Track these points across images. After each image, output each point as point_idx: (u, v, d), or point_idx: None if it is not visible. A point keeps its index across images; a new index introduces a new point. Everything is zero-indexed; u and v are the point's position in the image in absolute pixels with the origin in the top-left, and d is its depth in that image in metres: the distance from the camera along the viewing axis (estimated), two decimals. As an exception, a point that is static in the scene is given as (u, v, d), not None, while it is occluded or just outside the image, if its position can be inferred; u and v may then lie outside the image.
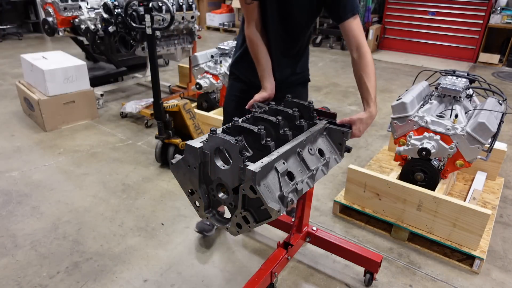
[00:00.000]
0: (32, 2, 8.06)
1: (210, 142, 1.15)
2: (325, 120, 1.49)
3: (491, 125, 2.10)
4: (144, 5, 2.59)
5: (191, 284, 1.95)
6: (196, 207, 1.29)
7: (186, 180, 1.24)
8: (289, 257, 1.86)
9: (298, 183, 1.20)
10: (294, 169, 1.23)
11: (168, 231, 2.32)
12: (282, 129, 1.28)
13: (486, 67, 6.42)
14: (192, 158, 1.19)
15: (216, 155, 1.17)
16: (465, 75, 2.50)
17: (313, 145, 1.37)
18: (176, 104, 2.93)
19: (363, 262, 1.91)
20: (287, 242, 1.85)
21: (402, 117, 2.35)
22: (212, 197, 1.26)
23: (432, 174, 2.28)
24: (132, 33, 3.57)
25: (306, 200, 1.80)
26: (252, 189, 1.07)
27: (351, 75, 6.35)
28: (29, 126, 3.73)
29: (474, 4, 6.44)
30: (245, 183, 1.08)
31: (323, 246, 2.00)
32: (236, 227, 1.21)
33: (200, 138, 1.22)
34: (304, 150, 1.31)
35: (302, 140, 1.28)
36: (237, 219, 1.19)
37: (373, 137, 3.69)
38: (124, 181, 2.84)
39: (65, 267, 2.03)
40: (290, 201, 1.13)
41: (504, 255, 2.20)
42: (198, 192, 1.23)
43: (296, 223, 1.88)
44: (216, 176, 1.19)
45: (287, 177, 1.18)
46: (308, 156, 1.31)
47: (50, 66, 3.56)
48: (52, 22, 4.02)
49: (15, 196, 2.63)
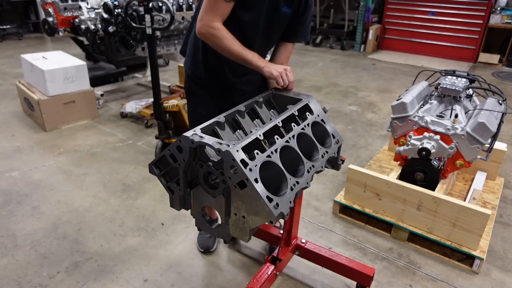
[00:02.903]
0: (32, 2, 8.06)
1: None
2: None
3: (491, 125, 2.10)
4: (144, 5, 2.60)
5: (191, 284, 1.95)
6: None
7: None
8: (278, 272, 1.77)
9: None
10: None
11: (168, 231, 2.32)
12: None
13: (486, 67, 6.42)
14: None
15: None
16: (465, 75, 2.50)
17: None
18: (176, 104, 2.94)
19: (354, 275, 1.83)
20: (275, 256, 1.76)
21: (402, 117, 2.35)
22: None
23: (432, 174, 2.28)
24: (132, 33, 3.57)
25: (295, 211, 1.72)
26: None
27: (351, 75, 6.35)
28: (29, 126, 3.73)
29: (474, 4, 6.44)
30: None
31: (313, 259, 1.91)
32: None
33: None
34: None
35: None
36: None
37: (373, 137, 3.69)
38: (124, 181, 2.84)
39: (65, 267, 2.04)
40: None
41: (504, 255, 2.20)
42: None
43: (285, 236, 1.79)
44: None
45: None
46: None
47: (50, 66, 3.56)
48: (52, 22, 4.02)
49: (15, 196, 2.63)
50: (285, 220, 1.73)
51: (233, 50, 1.53)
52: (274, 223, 1.11)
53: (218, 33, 1.51)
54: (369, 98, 4.77)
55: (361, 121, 4.07)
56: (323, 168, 1.43)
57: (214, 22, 1.51)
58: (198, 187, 1.24)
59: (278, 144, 1.22)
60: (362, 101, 4.66)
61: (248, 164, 1.08)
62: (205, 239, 2.18)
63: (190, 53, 1.78)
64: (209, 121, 1.28)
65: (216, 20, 1.51)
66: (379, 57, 6.94)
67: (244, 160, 1.08)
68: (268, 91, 1.60)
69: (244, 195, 1.10)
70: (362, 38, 7.36)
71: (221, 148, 1.08)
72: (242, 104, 1.46)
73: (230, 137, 1.36)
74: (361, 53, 7.32)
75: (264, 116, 1.52)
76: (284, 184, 1.19)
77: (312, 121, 1.43)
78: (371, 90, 5.08)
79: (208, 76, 1.74)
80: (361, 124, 3.98)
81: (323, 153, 1.40)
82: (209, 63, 1.71)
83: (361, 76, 5.74)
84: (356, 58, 6.92)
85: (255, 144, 1.19)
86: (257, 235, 2.04)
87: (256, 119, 1.50)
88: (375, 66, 6.38)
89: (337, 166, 1.55)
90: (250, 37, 1.62)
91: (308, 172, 1.29)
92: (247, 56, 1.54)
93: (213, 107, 1.75)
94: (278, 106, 1.59)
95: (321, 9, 7.86)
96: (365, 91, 5.06)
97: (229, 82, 1.75)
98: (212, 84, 1.76)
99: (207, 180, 1.21)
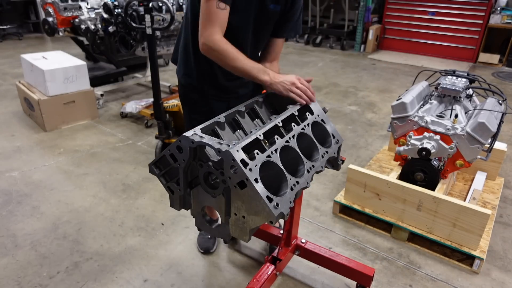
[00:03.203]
0: (32, 2, 8.06)
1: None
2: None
3: (491, 125, 2.10)
4: (144, 5, 2.60)
5: (191, 284, 1.95)
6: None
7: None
8: (278, 272, 1.77)
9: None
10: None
11: (168, 231, 2.32)
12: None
13: (486, 67, 6.42)
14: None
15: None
16: (465, 75, 2.50)
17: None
18: (176, 104, 2.94)
19: (354, 275, 1.82)
20: (275, 256, 1.76)
21: (402, 117, 2.35)
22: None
23: (432, 174, 2.28)
24: (132, 33, 3.57)
25: (295, 211, 1.71)
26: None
27: (351, 75, 6.33)
28: (29, 126, 3.73)
29: (474, 4, 6.44)
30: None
31: (313, 259, 1.92)
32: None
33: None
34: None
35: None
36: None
37: (373, 137, 3.69)
38: (124, 181, 2.84)
39: (65, 267, 2.04)
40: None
41: (504, 255, 2.20)
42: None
43: (285, 236, 1.78)
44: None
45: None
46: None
47: (50, 66, 3.56)
48: (52, 22, 4.02)
49: (15, 196, 2.63)
50: (285, 220, 1.72)
51: (237, 66, 1.48)
52: (274, 223, 1.11)
53: (220, 48, 1.45)
54: (369, 98, 4.77)
55: (361, 121, 4.07)
56: (323, 168, 1.43)
57: (214, 35, 1.44)
58: (198, 187, 1.24)
59: (278, 144, 1.22)
60: (362, 101, 4.66)
61: (248, 164, 1.08)
62: (205, 240, 2.18)
63: (181, 61, 1.75)
64: (209, 121, 1.28)
65: (216, 33, 1.45)
66: (379, 57, 6.94)
67: (244, 160, 1.08)
68: (268, 91, 1.60)
69: (244, 195, 1.10)
70: (362, 38, 7.35)
71: (221, 148, 1.08)
72: (242, 104, 1.46)
73: (230, 137, 1.36)
74: (361, 53, 7.32)
75: (264, 116, 1.52)
76: (284, 184, 1.19)
77: (312, 121, 1.43)
78: (371, 90, 5.08)
79: (202, 82, 1.72)
80: (361, 124, 3.98)
81: (323, 153, 1.40)
82: (202, 69, 1.68)
83: (361, 76, 5.74)
84: (356, 58, 6.92)
85: (255, 144, 1.19)
86: (257, 235, 2.04)
87: (256, 119, 1.50)
88: (375, 66, 6.38)
89: (337, 166, 1.55)
90: (241, 38, 1.59)
91: (308, 172, 1.29)
92: (252, 71, 1.49)
93: (209, 113, 1.70)
94: (278, 106, 1.59)
95: (321, 9, 7.85)
96: (365, 91, 5.06)
97: (223, 87, 1.73)
98: (206, 90, 1.74)
99: (207, 180, 1.21)
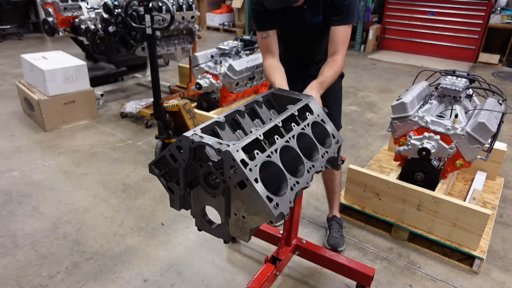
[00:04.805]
0: (32, 2, 8.06)
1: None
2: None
3: (491, 125, 2.10)
4: (144, 5, 2.59)
5: (191, 284, 1.95)
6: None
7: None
8: (278, 272, 1.77)
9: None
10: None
11: (168, 231, 2.32)
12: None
13: (486, 67, 6.42)
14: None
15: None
16: (465, 75, 2.49)
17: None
18: (176, 104, 2.94)
19: (354, 275, 1.82)
20: (275, 256, 1.76)
21: (402, 117, 2.35)
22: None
23: (432, 174, 2.28)
24: (132, 33, 3.57)
25: (295, 211, 1.72)
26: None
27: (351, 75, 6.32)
28: (29, 126, 3.73)
29: (474, 4, 6.44)
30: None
31: (313, 259, 1.92)
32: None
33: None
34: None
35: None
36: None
37: (373, 137, 3.69)
38: (124, 181, 2.84)
39: (65, 267, 2.04)
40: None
41: (504, 255, 2.20)
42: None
43: (285, 236, 1.78)
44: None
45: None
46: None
47: (50, 66, 3.56)
48: (52, 22, 4.02)
49: (15, 196, 2.63)
50: (285, 220, 1.72)
51: (269, 80, 1.79)
52: (274, 223, 1.11)
53: (265, 71, 1.83)
54: (369, 98, 4.77)
55: (361, 121, 4.07)
56: (323, 168, 1.43)
57: (264, 60, 1.85)
58: (198, 187, 1.24)
59: (278, 144, 1.22)
60: (362, 101, 4.66)
61: (248, 164, 1.08)
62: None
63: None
64: (209, 121, 1.28)
65: (266, 58, 1.84)
66: (379, 57, 6.94)
67: (244, 160, 1.08)
68: (268, 91, 1.60)
69: (244, 195, 1.10)
70: (362, 38, 7.36)
71: (221, 148, 1.08)
72: (242, 104, 1.46)
73: (230, 137, 1.35)
74: (361, 53, 7.32)
75: (264, 116, 1.52)
76: (284, 184, 1.19)
77: (312, 121, 1.43)
78: (371, 90, 5.08)
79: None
80: (361, 124, 3.98)
81: (323, 153, 1.40)
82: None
83: (361, 76, 5.74)
84: (356, 58, 6.92)
85: (255, 144, 1.18)
86: (257, 235, 2.04)
87: (256, 119, 1.50)
88: (375, 66, 6.39)
89: (337, 166, 1.55)
90: (296, 48, 1.94)
91: (308, 172, 1.28)
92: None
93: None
94: (278, 106, 1.59)
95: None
96: (365, 91, 5.06)
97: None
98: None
99: (207, 180, 1.20)
